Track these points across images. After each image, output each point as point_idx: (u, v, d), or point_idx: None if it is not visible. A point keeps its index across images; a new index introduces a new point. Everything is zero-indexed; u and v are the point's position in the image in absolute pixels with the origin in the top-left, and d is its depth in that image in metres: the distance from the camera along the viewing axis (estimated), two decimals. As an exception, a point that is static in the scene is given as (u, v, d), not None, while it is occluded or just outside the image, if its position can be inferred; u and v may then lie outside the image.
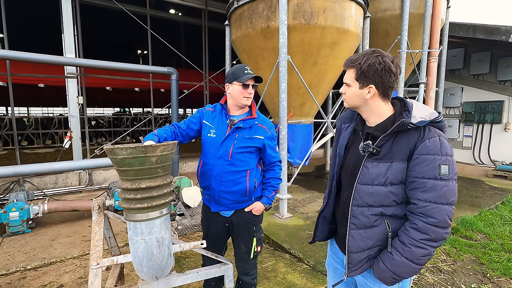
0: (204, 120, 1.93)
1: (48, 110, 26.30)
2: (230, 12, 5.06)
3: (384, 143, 1.18)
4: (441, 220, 1.09)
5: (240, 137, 1.84)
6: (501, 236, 3.72)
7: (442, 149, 1.10)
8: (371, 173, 1.19)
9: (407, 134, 1.15)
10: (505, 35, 6.73)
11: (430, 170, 1.09)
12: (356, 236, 1.24)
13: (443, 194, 1.09)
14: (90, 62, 5.50)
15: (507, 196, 5.36)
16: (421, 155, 1.11)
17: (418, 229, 1.11)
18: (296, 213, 4.50)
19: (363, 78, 1.19)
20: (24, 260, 3.15)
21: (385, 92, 1.20)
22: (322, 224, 1.48)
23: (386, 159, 1.17)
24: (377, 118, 1.24)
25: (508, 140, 8.02)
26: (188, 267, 2.97)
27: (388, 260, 1.18)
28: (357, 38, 4.93)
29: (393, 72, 1.17)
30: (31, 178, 5.71)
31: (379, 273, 1.21)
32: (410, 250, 1.12)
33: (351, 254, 1.26)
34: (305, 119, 5.38)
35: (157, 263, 1.42)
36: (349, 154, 1.35)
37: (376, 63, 1.15)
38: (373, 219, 1.21)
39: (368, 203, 1.21)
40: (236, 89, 1.83)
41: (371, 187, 1.19)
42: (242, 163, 1.85)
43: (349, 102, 1.28)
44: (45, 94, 12.20)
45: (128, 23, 7.91)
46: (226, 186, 1.84)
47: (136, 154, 1.26)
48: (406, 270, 1.15)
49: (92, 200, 1.93)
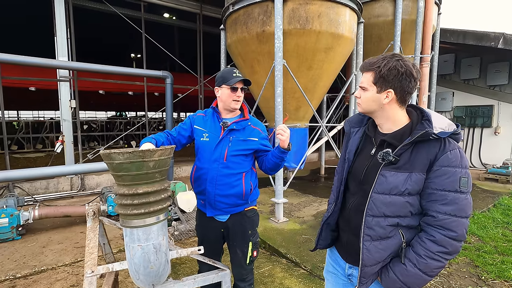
0: (195, 125, 1.91)
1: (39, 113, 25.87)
2: (225, 16, 5.08)
3: (403, 152, 1.14)
4: (460, 234, 1.07)
5: (235, 140, 1.83)
6: (494, 238, 3.77)
7: (462, 162, 1.09)
8: (389, 183, 1.13)
9: (428, 144, 1.11)
10: (494, 41, 6.90)
11: (451, 183, 1.07)
12: (371, 248, 1.17)
13: (463, 207, 1.07)
14: (83, 66, 5.43)
15: (499, 199, 5.44)
16: (443, 167, 1.08)
17: (435, 242, 1.09)
18: (292, 217, 4.49)
19: (382, 82, 1.15)
20: (14, 268, 3.06)
21: (403, 98, 1.17)
22: (326, 231, 1.42)
23: (404, 169, 1.12)
24: (392, 125, 1.20)
25: (498, 143, 8.19)
26: (184, 273, 2.93)
27: (400, 270, 1.14)
28: (351, 43, 4.99)
29: (414, 77, 1.13)
30: (21, 183, 5.58)
31: (388, 283, 1.17)
32: (425, 262, 1.10)
33: (364, 268, 1.18)
34: (300, 123, 5.40)
35: (154, 270, 1.39)
36: (359, 159, 1.30)
37: (397, 66, 1.12)
38: (389, 230, 1.16)
39: (385, 214, 1.15)
40: (225, 93, 1.83)
41: (389, 197, 1.14)
42: (237, 166, 1.83)
43: (364, 106, 1.23)
44: (36, 98, 12.01)
45: (122, 27, 7.87)
46: (221, 189, 1.81)
47: (133, 159, 1.24)
48: (417, 281, 1.12)
49: (85, 205, 1.88)
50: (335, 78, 5.42)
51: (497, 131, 8.14)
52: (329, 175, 7.91)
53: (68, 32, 5.93)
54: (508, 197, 5.63)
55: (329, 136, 5.60)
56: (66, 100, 5.87)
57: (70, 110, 5.91)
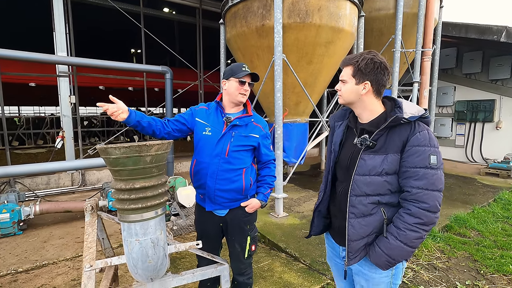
0: (197, 118, 1.89)
1: (40, 109, 25.89)
2: (224, 10, 5.03)
3: (379, 137, 1.27)
4: (432, 205, 1.19)
5: (237, 135, 1.82)
6: (493, 233, 3.77)
7: (430, 141, 1.21)
8: (368, 165, 1.27)
9: (400, 128, 1.25)
10: (496, 35, 6.82)
11: (421, 160, 1.20)
12: (355, 224, 1.31)
13: (433, 181, 1.19)
14: (83, 61, 5.40)
15: (499, 194, 5.43)
16: (413, 147, 1.21)
17: (411, 214, 1.20)
18: (292, 212, 4.50)
19: (359, 74, 1.28)
20: (15, 262, 3.09)
21: (378, 90, 1.31)
22: (318, 218, 1.55)
23: (381, 152, 1.26)
24: (370, 114, 1.34)
25: (500, 138, 8.15)
26: (183, 268, 2.95)
27: (384, 244, 1.25)
28: (351, 37, 4.95)
29: (388, 70, 1.28)
30: (22, 179, 5.60)
31: (375, 258, 1.28)
32: (404, 233, 1.21)
33: (351, 243, 1.31)
34: (300, 118, 5.38)
35: (152, 264, 1.40)
36: (344, 149, 1.43)
37: (374, 60, 1.26)
38: (371, 207, 1.29)
39: (366, 192, 1.29)
40: (232, 85, 1.82)
41: (369, 177, 1.27)
42: (238, 161, 1.83)
43: (344, 97, 1.36)
44: (36, 93, 12.00)
45: (121, 22, 7.81)
46: (222, 184, 1.81)
47: (130, 154, 1.23)
48: (401, 253, 1.23)
49: (85, 200, 1.89)
50: (335, 73, 5.39)
51: (498, 125, 8.10)
52: (330, 170, 7.91)
53: (67, 27, 5.89)
54: (509, 191, 5.62)
55: (329, 131, 5.58)
56: (66, 95, 5.86)
57: (70, 106, 5.90)
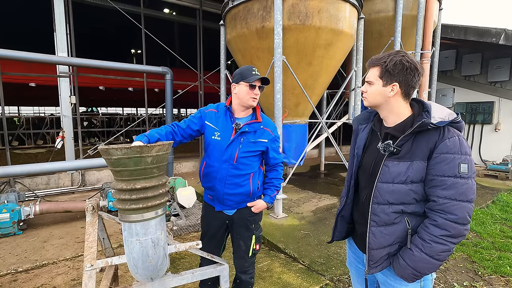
0: (207, 121, 1.90)
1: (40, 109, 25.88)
2: (225, 12, 5.05)
3: (404, 142, 1.20)
4: (460, 216, 1.11)
5: (245, 141, 1.84)
6: (492, 234, 3.79)
7: (461, 148, 1.13)
8: (391, 172, 1.20)
9: (427, 134, 1.17)
10: (495, 37, 6.86)
11: (450, 169, 1.12)
12: (376, 233, 1.25)
13: (463, 191, 1.11)
14: (83, 61, 5.42)
15: (498, 195, 5.45)
16: (441, 154, 1.13)
17: (438, 226, 1.13)
18: (291, 213, 4.51)
19: (387, 76, 1.21)
20: (15, 262, 3.10)
21: (407, 92, 1.22)
22: (341, 224, 1.49)
23: (406, 158, 1.19)
24: (396, 118, 1.26)
25: (498, 140, 8.18)
26: (183, 268, 2.96)
27: (408, 256, 1.19)
28: (351, 39, 4.97)
29: (418, 71, 1.19)
30: (22, 179, 5.61)
31: (399, 270, 1.22)
32: (430, 246, 1.14)
33: (371, 251, 1.27)
34: (300, 119, 5.40)
35: (153, 264, 1.41)
36: (367, 154, 1.37)
37: (402, 61, 1.18)
38: (394, 217, 1.22)
39: (389, 201, 1.22)
40: (242, 90, 1.83)
41: (392, 185, 1.20)
42: (246, 167, 1.86)
43: (370, 100, 1.29)
44: (36, 94, 12.01)
45: (121, 22, 7.83)
46: (230, 188, 1.86)
47: (131, 155, 1.25)
48: (426, 266, 1.16)
49: (85, 201, 1.90)
50: (335, 74, 5.41)
51: (497, 127, 8.12)
52: (329, 171, 7.93)
53: (68, 28, 5.91)
54: (507, 193, 5.65)
55: (328, 132, 5.60)
56: (66, 96, 5.87)
57: (70, 106, 5.92)
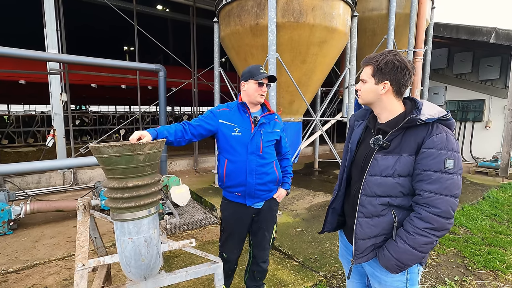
0: (221, 120, 1.97)
1: (30, 107, 25.41)
2: (218, 9, 5.01)
3: (394, 137, 1.25)
4: (444, 210, 1.14)
5: (265, 132, 1.98)
6: (482, 230, 3.86)
7: (448, 144, 1.16)
8: (380, 165, 1.25)
9: (416, 130, 1.22)
10: (486, 36, 6.96)
11: (435, 164, 1.15)
12: (363, 223, 1.30)
13: (447, 186, 1.15)
14: (74, 58, 5.33)
15: (488, 192, 5.56)
16: (428, 149, 1.17)
17: (422, 218, 1.17)
18: (285, 211, 4.52)
19: (379, 74, 1.26)
20: (6, 262, 3.04)
21: (398, 90, 1.27)
22: (332, 216, 1.55)
23: (395, 153, 1.24)
24: (389, 115, 1.31)
25: (489, 137, 8.32)
26: (177, 267, 2.95)
27: (393, 247, 1.23)
28: (345, 37, 4.98)
29: (409, 70, 1.24)
30: (12, 178, 5.51)
31: (384, 261, 1.27)
32: (413, 238, 1.18)
33: (357, 241, 1.32)
34: (294, 117, 5.41)
35: (145, 263, 1.40)
36: (360, 149, 1.42)
37: (393, 60, 1.23)
38: (380, 209, 1.27)
39: (376, 193, 1.27)
40: (251, 87, 1.95)
41: (380, 178, 1.25)
42: (269, 156, 2.01)
43: (364, 97, 1.35)
44: (26, 91, 11.77)
45: (114, 19, 7.72)
46: (260, 178, 1.97)
47: (123, 152, 1.23)
48: (410, 257, 1.20)
49: (77, 199, 1.87)
50: (329, 72, 5.42)
51: (488, 125, 8.26)
52: (323, 168, 7.97)
53: (58, 23, 5.80)
54: (497, 189, 5.75)
55: (322, 130, 5.62)
56: (57, 93, 5.77)
57: (61, 104, 5.82)
